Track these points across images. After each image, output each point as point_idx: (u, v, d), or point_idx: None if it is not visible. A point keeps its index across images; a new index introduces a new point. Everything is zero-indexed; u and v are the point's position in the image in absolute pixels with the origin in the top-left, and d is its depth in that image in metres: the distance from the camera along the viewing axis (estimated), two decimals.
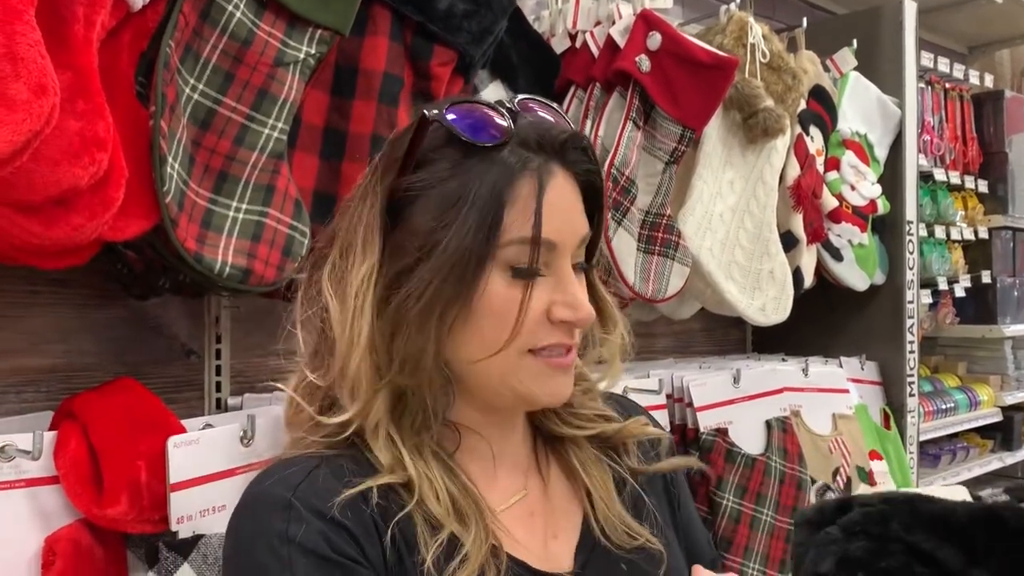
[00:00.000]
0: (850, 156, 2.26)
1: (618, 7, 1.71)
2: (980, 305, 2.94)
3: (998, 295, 2.92)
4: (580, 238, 0.81)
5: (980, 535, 0.62)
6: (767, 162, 1.96)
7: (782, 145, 1.99)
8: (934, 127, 2.78)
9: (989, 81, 3.00)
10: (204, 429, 1.12)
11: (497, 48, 1.48)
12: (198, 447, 1.06)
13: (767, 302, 1.95)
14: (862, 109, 2.31)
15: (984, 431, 2.98)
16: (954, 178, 2.79)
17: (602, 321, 0.88)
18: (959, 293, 2.79)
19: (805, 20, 2.25)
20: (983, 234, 2.91)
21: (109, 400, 1.09)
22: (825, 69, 2.24)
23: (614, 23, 1.70)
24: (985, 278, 2.89)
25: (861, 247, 2.26)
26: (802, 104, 2.06)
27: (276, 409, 1.17)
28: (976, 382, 2.95)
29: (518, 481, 0.86)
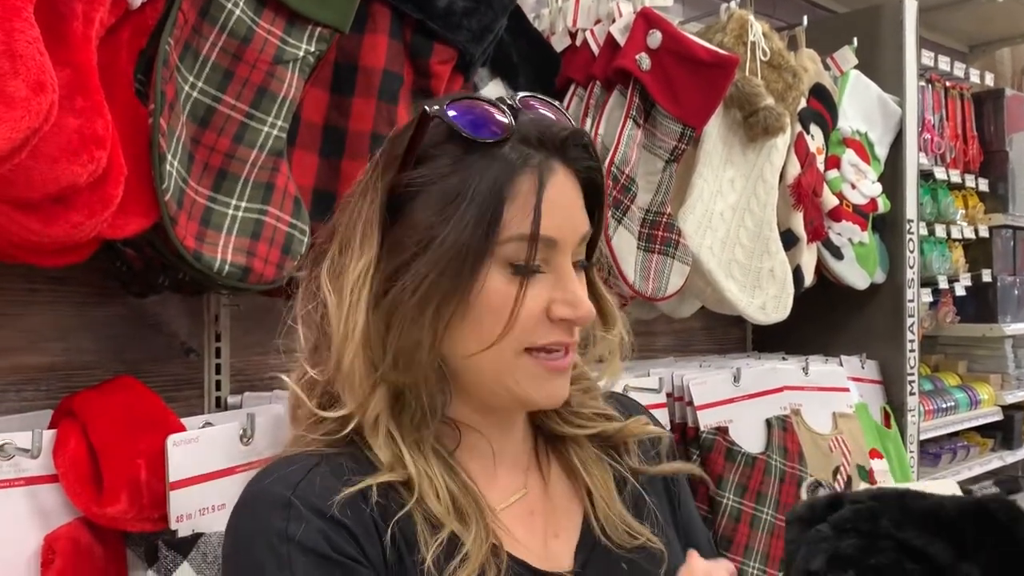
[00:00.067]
0: (850, 154, 2.26)
1: (618, 5, 1.70)
2: (980, 304, 2.94)
3: (998, 294, 2.92)
4: (580, 235, 0.80)
5: (969, 529, 0.62)
6: (767, 160, 1.96)
7: (782, 143, 1.99)
8: (934, 125, 2.77)
9: (990, 80, 3.01)
10: (204, 427, 1.12)
11: (497, 46, 1.48)
12: (197, 445, 1.06)
13: (767, 300, 1.95)
14: (862, 107, 2.31)
15: (984, 430, 2.98)
16: (954, 177, 2.79)
17: (602, 319, 0.87)
18: (959, 292, 2.80)
19: (805, 18, 2.25)
20: (983, 233, 2.91)
21: (108, 398, 1.08)
22: (825, 67, 2.25)
23: (614, 21, 1.70)
24: (985, 277, 2.89)
25: (861, 246, 2.25)
26: (802, 102, 2.06)
27: (276, 408, 1.17)
28: (976, 381, 2.95)
29: (518, 480, 0.86)
